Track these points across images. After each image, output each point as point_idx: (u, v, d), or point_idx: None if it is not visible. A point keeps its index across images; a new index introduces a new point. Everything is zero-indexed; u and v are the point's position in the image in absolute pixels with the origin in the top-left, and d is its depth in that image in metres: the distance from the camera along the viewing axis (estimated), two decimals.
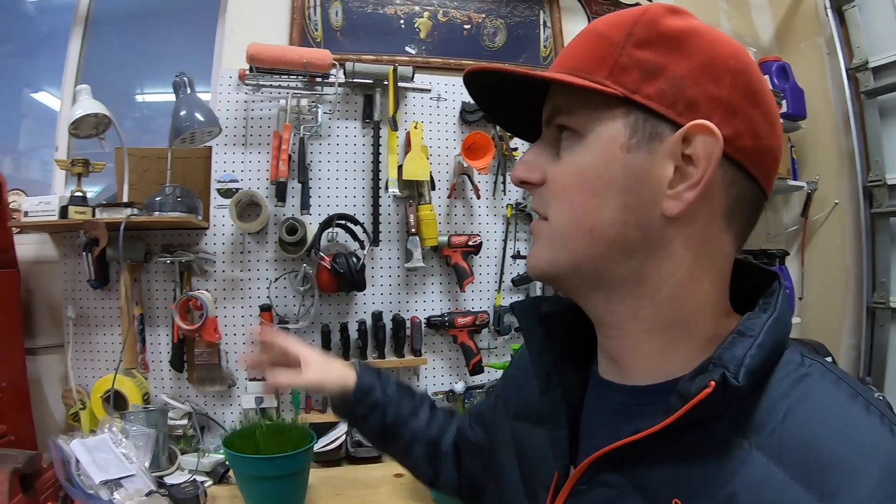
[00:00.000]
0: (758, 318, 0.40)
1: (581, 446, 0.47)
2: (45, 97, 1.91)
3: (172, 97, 1.78)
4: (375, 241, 1.53)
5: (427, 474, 0.74)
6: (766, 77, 2.02)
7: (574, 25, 1.86)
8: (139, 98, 1.95)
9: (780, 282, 0.42)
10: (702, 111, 0.39)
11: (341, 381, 0.70)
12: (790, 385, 0.38)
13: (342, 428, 1.45)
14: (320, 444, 1.37)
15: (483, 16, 1.73)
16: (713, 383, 0.35)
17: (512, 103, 0.50)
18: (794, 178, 2.09)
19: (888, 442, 0.34)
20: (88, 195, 1.43)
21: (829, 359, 1.83)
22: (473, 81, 0.48)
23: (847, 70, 1.99)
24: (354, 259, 1.44)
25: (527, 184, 0.46)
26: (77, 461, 1.11)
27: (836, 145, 2.07)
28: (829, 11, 2.03)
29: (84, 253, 1.42)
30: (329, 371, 0.71)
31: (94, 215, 1.37)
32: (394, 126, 1.51)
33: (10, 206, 1.45)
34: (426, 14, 1.69)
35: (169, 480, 1.26)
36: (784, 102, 2.00)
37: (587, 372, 0.51)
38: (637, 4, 1.87)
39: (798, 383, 0.38)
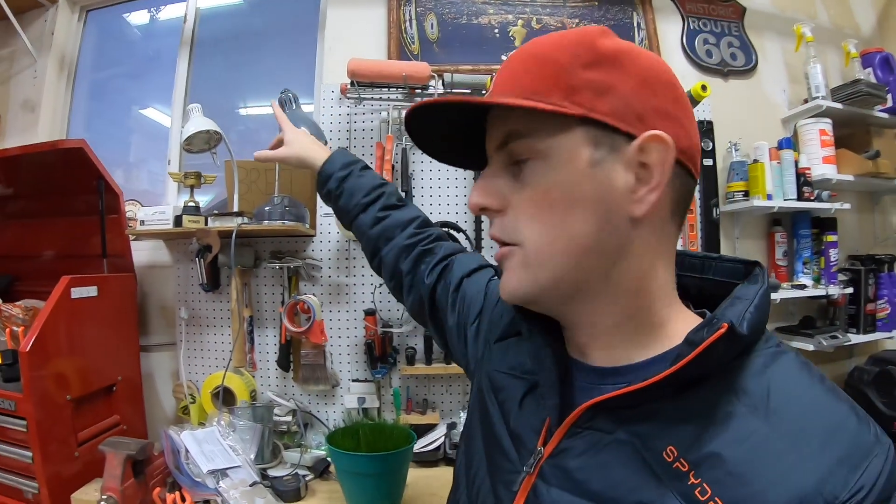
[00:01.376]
0: (750, 287, 0.45)
1: (575, 392, 0.49)
2: (152, 113, 2.05)
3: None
4: (478, 249, 1.54)
5: (372, 264, 0.84)
6: (869, 69, 1.90)
7: (668, 26, 1.82)
8: (242, 112, 2.06)
9: (763, 267, 0.48)
10: (649, 122, 0.43)
11: (305, 163, 0.89)
12: (770, 356, 0.43)
13: (441, 430, 1.47)
14: (419, 445, 1.39)
15: (577, 21, 1.71)
16: (725, 325, 0.40)
17: (440, 133, 0.53)
18: None
19: (852, 421, 0.40)
20: (199, 204, 1.52)
21: None
22: (415, 116, 0.50)
23: None
24: None
25: (487, 210, 0.48)
26: (186, 451, 1.19)
27: None
28: None
29: (197, 258, 1.51)
30: (300, 152, 0.90)
31: (206, 224, 1.46)
32: None
33: (127, 215, 1.56)
34: (520, 22, 1.70)
35: (272, 473, 1.31)
36: (889, 96, 1.87)
37: (561, 340, 0.53)
38: (732, 1, 1.81)
39: (778, 357, 0.43)
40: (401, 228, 0.80)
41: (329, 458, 1.35)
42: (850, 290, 1.82)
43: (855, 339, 1.81)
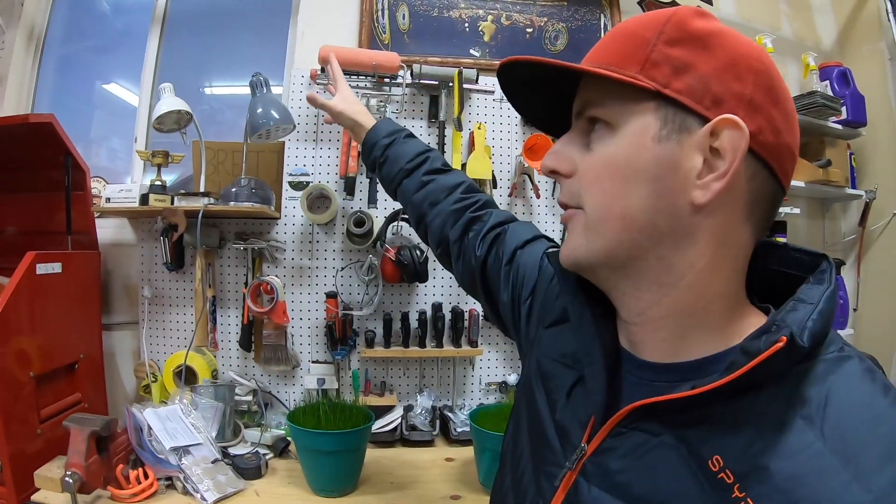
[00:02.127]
0: (814, 288, 0.41)
1: (624, 387, 0.48)
2: (116, 89, 2.01)
3: (239, 90, 1.86)
4: None
5: (418, 231, 0.88)
6: (826, 83, 1.99)
7: None
8: (207, 91, 2.04)
9: (830, 262, 0.43)
10: (727, 106, 0.41)
11: (353, 121, 0.96)
12: (833, 363, 0.39)
13: (398, 412, 1.51)
14: (377, 426, 1.42)
15: (545, 19, 1.75)
16: (784, 338, 0.36)
17: (541, 99, 0.53)
18: (853, 187, 2.05)
19: None
20: (166, 183, 1.51)
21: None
22: (505, 75, 0.51)
23: None
24: (418, 252, 1.49)
25: (556, 174, 0.49)
26: (149, 428, 1.20)
27: None
28: (892, 16, 1.98)
29: (161, 237, 1.50)
30: (349, 109, 0.97)
31: (173, 203, 1.45)
32: (458, 126, 1.56)
33: (92, 191, 1.55)
34: (490, 18, 1.73)
35: (233, 451, 1.32)
36: (844, 109, 1.96)
37: (615, 328, 0.52)
38: (697, 7, 1.88)
39: (840, 363, 0.39)
40: (446, 193, 0.79)
41: (289, 437, 1.37)
42: None
43: None
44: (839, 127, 1.98)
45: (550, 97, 0.52)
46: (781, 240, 1.89)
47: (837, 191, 2.00)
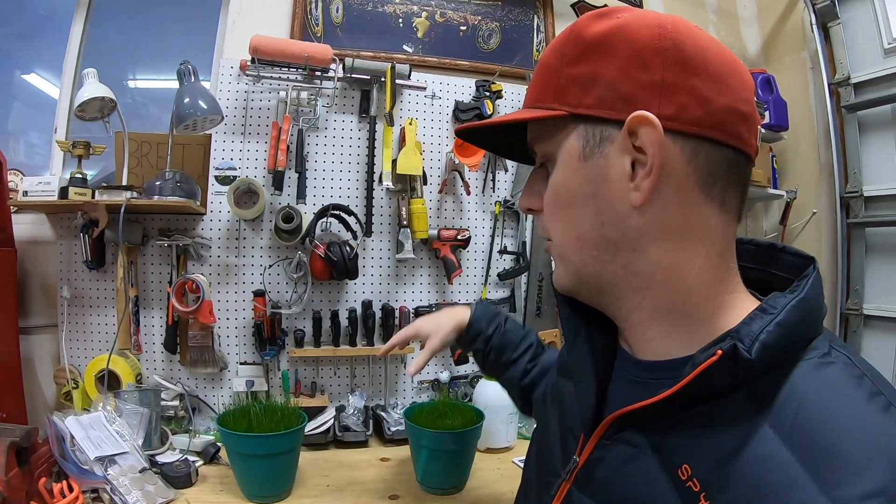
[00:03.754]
0: (783, 297, 0.40)
1: (607, 406, 0.50)
2: (36, 80, 1.91)
3: (164, 84, 1.79)
4: (368, 232, 1.56)
5: (520, 406, 0.94)
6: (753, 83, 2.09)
7: None
8: (131, 84, 1.96)
9: (815, 266, 0.43)
10: (639, 102, 0.41)
11: (457, 333, 0.93)
12: (811, 370, 0.38)
13: (330, 412, 1.49)
14: (309, 428, 1.39)
15: (479, 18, 1.77)
16: (720, 352, 0.37)
17: (511, 139, 0.54)
18: (775, 187, 2.16)
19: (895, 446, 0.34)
20: (87, 176, 1.44)
21: None
22: (467, 134, 0.55)
23: (829, 85, 2.06)
24: (348, 248, 1.48)
25: (532, 211, 0.51)
26: (72, 437, 1.13)
27: (816, 157, 2.14)
28: (815, 28, 2.10)
29: (81, 234, 1.43)
30: (445, 331, 0.92)
31: (93, 197, 1.39)
32: (389, 122, 1.55)
33: (8, 185, 1.46)
34: (424, 14, 1.73)
35: (161, 459, 1.28)
36: (767, 114, 2.07)
37: (614, 340, 0.53)
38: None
39: (820, 370, 0.38)
40: (546, 370, 0.86)
41: (219, 442, 1.33)
42: None
43: None
44: (762, 130, 2.09)
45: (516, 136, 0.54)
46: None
47: (760, 191, 2.11)
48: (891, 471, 0.33)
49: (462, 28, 1.76)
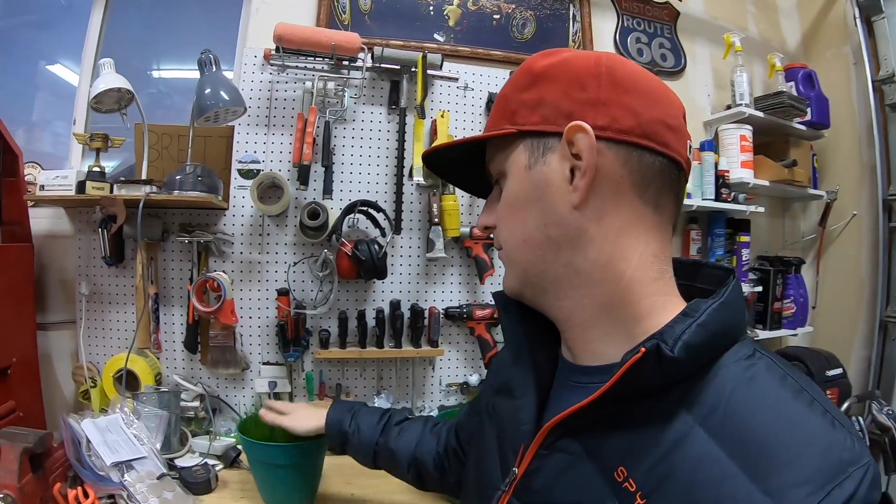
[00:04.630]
0: (704, 302, 0.44)
1: (546, 418, 0.52)
2: (60, 70, 1.89)
3: (188, 74, 1.74)
4: (397, 230, 1.50)
5: (416, 485, 0.94)
6: (792, 83, 2.01)
7: (603, 22, 1.85)
8: (155, 74, 1.93)
9: (735, 276, 0.48)
10: (577, 116, 0.46)
11: (313, 426, 0.99)
12: (738, 371, 0.41)
13: None
14: None
15: (513, 6, 1.70)
16: (643, 350, 0.39)
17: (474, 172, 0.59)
18: (815, 187, 2.08)
19: (825, 435, 0.37)
20: (105, 169, 1.41)
21: (839, 370, 1.85)
22: (432, 163, 0.61)
23: (873, 81, 1.98)
24: (376, 247, 1.42)
25: (489, 228, 0.56)
26: (88, 441, 1.10)
27: (858, 156, 2.06)
28: (858, 21, 2.01)
29: (100, 229, 1.39)
30: (303, 419, 1.00)
31: (112, 191, 1.35)
32: (421, 114, 1.48)
33: (26, 178, 1.42)
34: (456, 1, 1.66)
35: (180, 463, 1.24)
36: (809, 110, 1.98)
37: (556, 354, 0.56)
38: (667, 3, 1.86)
39: (745, 371, 0.41)
40: (420, 427, 0.93)
41: (240, 446, 1.29)
42: (759, 288, 1.93)
43: (762, 335, 1.92)
44: (803, 128, 2.00)
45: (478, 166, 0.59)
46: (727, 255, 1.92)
47: (800, 191, 2.03)
48: (819, 459, 0.35)
49: (495, 16, 1.69)
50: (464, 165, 0.60)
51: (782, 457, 0.35)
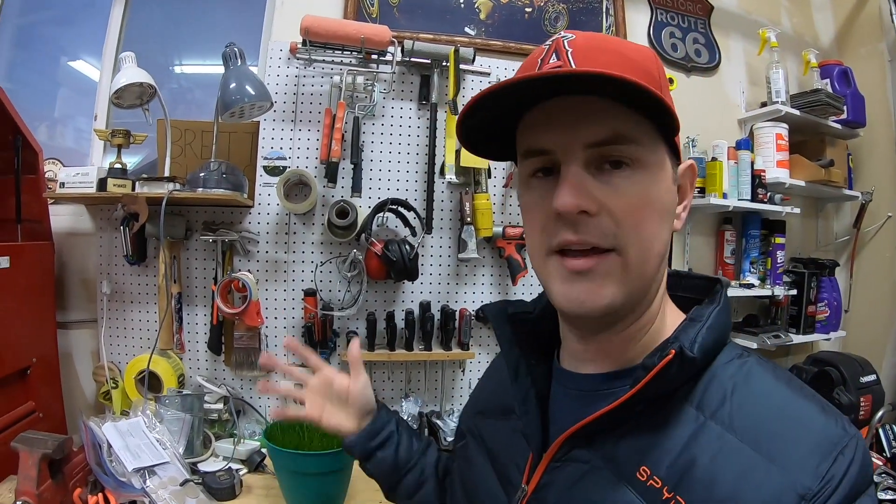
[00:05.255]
0: (706, 308, 0.47)
1: (551, 430, 0.52)
2: (82, 66, 1.86)
3: (210, 69, 1.71)
4: (429, 229, 1.46)
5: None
6: (827, 80, 1.95)
7: (637, 15, 1.80)
8: (176, 69, 1.90)
9: (723, 284, 0.50)
10: (678, 147, 0.48)
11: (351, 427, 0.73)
12: (735, 369, 0.45)
13: None
14: None
15: None
16: (673, 351, 0.42)
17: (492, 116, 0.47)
18: (850, 188, 2.02)
19: (819, 416, 0.42)
20: (126, 166, 1.38)
21: (872, 377, 1.79)
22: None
23: None
24: (407, 247, 1.38)
25: (583, 213, 0.43)
26: (109, 446, 1.07)
27: (894, 156, 2.00)
28: (895, 17, 1.95)
29: (122, 227, 1.37)
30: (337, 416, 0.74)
31: (133, 189, 1.32)
32: (453, 110, 1.44)
33: (46, 175, 1.40)
34: None
35: (203, 468, 1.21)
36: (845, 108, 1.92)
37: (549, 365, 0.56)
38: None
39: (741, 368, 0.45)
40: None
41: (264, 449, 1.26)
42: (794, 291, 1.87)
43: (795, 339, 1.87)
44: (839, 126, 1.94)
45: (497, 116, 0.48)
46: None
47: (835, 191, 1.97)
48: (819, 435, 0.40)
49: (527, 10, 1.65)
50: (495, 125, 0.49)
51: (789, 437, 0.40)
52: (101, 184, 1.30)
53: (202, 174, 1.32)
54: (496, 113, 0.46)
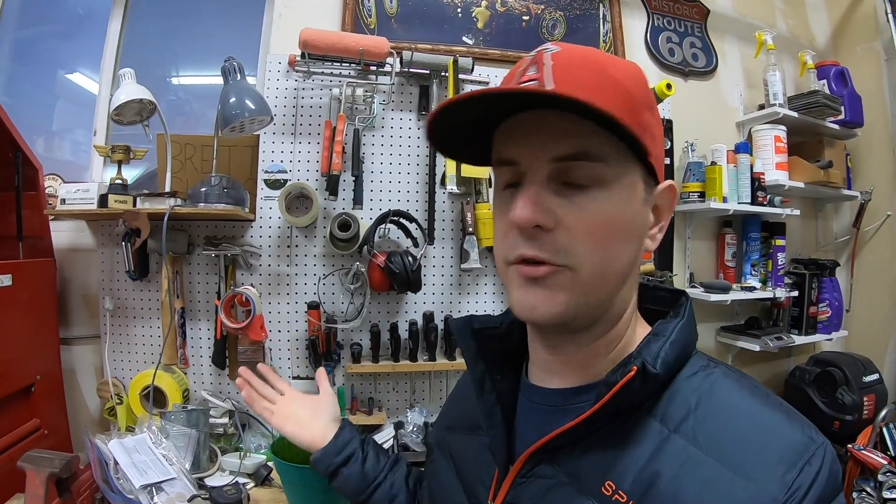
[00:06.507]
0: (669, 322, 0.47)
1: (517, 446, 0.51)
2: (79, 78, 1.86)
3: (208, 80, 1.71)
4: (431, 240, 1.46)
5: None
6: (824, 81, 1.95)
7: (633, 21, 1.80)
8: (174, 81, 1.90)
9: (687, 297, 0.51)
10: (659, 169, 0.47)
11: (319, 438, 0.76)
12: (699, 381, 0.45)
13: (389, 431, 1.40)
14: None
15: (542, 7, 1.66)
16: (635, 368, 0.42)
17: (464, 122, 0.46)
18: (849, 188, 2.02)
19: (785, 425, 0.41)
20: (127, 182, 1.37)
21: (875, 376, 1.79)
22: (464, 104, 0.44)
23: None
24: (410, 258, 1.38)
25: (539, 228, 0.43)
26: (115, 462, 1.06)
27: (892, 155, 2.00)
28: (890, 17, 1.95)
29: (123, 243, 1.36)
30: (309, 428, 0.78)
31: (135, 205, 1.32)
32: None
33: (46, 191, 1.40)
34: (484, 3, 1.63)
35: (210, 482, 1.21)
36: (843, 109, 1.93)
37: (516, 380, 0.55)
38: (696, 1, 1.81)
39: (705, 380, 0.45)
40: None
41: (270, 463, 1.25)
42: (795, 292, 1.87)
43: (798, 340, 1.87)
44: (836, 127, 1.95)
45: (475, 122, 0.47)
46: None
47: (834, 192, 1.97)
48: (785, 443, 0.40)
49: (524, 18, 1.65)
50: (470, 130, 0.48)
51: (754, 448, 0.40)
52: (102, 200, 1.29)
53: (203, 189, 1.32)
54: (468, 121, 0.45)
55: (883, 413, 1.70)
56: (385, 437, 1.37)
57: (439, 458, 0.62)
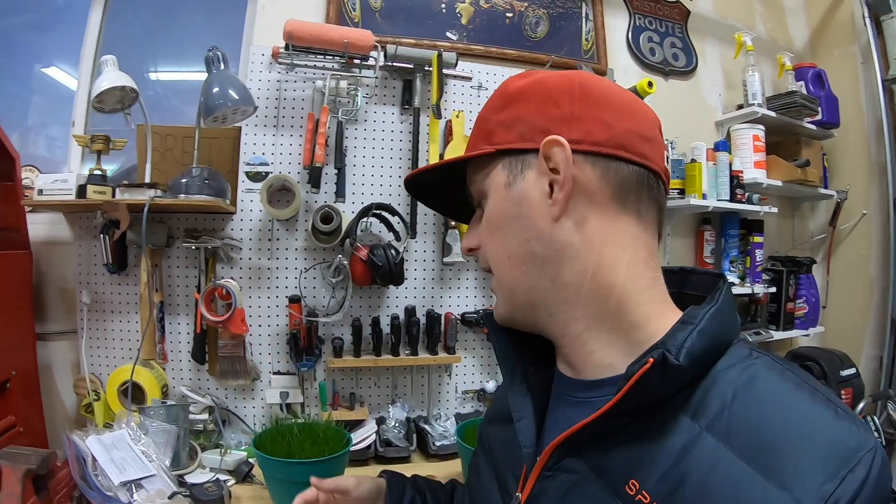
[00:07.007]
0: (700, 309, 0.44)
1: (545, 438, 0.51)
2: (56, 73, 1.83)
3: (187, 76, 1.69)
4: (413, 233, 1.46)
5: None
6: (801, 83, 1.99)
7: (615, 20, 1.82)
8: (152, 76, 1.87)
9: (725, 280, 0.48)
10: (553, 131, 0.47)
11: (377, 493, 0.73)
12: (737, 373, 0.41)
13: (371, 426, 1.39)
14: None
15: (526, 4, 1.67)
16: (651, 360, 0.39)
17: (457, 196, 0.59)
18: (826, 187, 2.07)
19: (831, 424, 0.37)
20: (106, 172, 1.35)
21: (852, 370, 1.84)
22: (413, 187, 0.61)
23: (883, 81, 1.96)
24: (393, 251, 1.37)
25: (473, 250, 0.55)
26: (94, 459, 1.05)
27: (867, 156, 2.05)
28: (867, 21, 2.00)
29: (101, 235, 1.34)
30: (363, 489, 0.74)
31: (114, 195, 1.30)
32: (437, 114, 1.44)
33: (23, 182, 1.37)
34: None
35: (190, 479, 1.19)
36: (820, 109, 1.97)
37: (551, 372, 0.55)
38: (677, 2, 1.84)
39: (744, 372, 0.41)
40: None
41: (252, 459, 1.25)
42: (773, 289, 1.91)
43: (776, 335, 1.91)
44: (813, 127, 1.99)
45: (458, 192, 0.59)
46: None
47: (811, 190, 2.01)
48: (828, 448, 0.36)
49: (508, 14, 1.66)
50: (445, 190, 0.60)
51: (792, 450, 0.36)
52: (81, 190, 1.27)
53: (184, 180, 1.30)
54: (433, 181, 0.60)
55: (860, 406, 1.73)
56: (367, 433, 1.36)
57: (480, 450, 0.64)
